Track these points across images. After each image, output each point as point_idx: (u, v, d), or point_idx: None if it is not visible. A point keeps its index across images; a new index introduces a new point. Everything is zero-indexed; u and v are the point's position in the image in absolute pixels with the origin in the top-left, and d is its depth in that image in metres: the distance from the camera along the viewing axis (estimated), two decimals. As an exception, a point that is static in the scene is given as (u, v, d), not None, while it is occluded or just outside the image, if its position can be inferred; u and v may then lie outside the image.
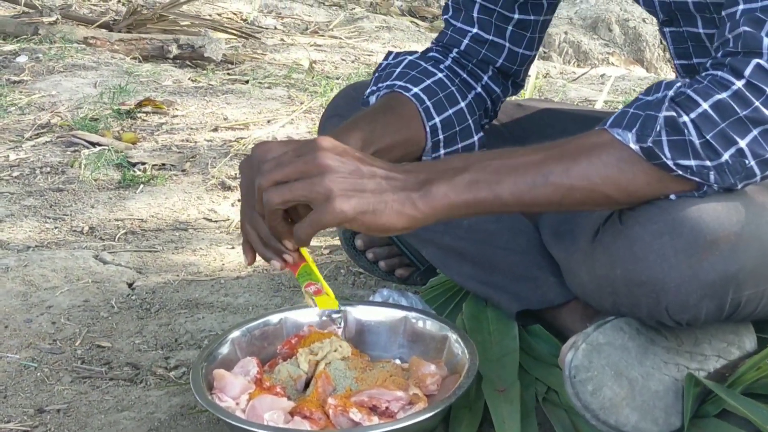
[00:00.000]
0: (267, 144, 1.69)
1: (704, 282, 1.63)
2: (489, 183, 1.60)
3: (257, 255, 1.70)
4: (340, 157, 1.58)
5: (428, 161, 1.66)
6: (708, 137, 1.57)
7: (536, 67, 4.22)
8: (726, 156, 1.58)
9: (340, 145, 1.61)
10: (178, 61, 4.25)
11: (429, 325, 1.92)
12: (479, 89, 2.02)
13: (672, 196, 1.64)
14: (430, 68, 1.99)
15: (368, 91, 2.00)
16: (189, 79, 3.95)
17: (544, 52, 5.47)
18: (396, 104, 1.93)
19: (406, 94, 1.94)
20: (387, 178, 1.59)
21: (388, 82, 1.96)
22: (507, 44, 2.02)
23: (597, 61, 5.56)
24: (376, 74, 2.03)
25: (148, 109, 3.55)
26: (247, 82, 3.95)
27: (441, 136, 1.95)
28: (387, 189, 1.58)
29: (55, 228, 2.72)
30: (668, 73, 5.32)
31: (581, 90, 4.11)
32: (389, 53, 2.05)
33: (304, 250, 1.71)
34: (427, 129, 1.94)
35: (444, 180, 1.60)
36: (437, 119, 1.95)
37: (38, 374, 2.06)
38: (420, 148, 1.94)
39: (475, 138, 1.99)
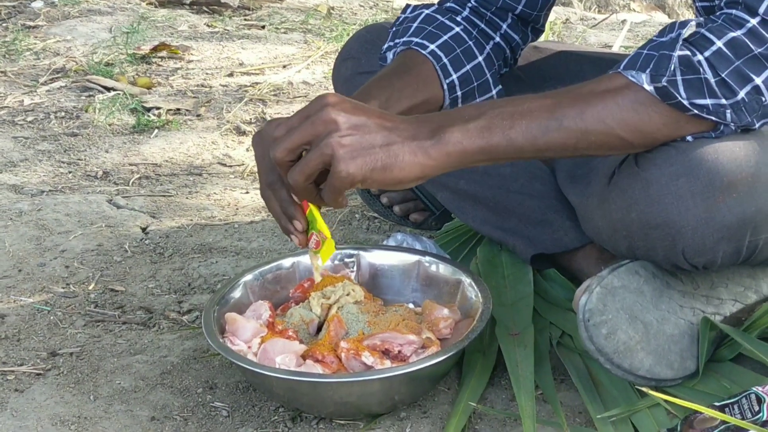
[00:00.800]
0: (278, 120, 1.69)
1: (721, 224, 1.61)
2: (502, 128, 1.58)
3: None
4: (346, 112, 1.56)
5: (439, 111, 1.64)
6: (723, 75, 1.55)
7: (555, 13, 4.17)
8: (742, 93, 1.56)
9: (347, 100, 1.59)
10: (194, 6, 4.21)
11: (442, 269, 1.91)
12: (498, 39, 1.99)
13: (688, 138, 1.61)
14: (447, 22, 1.95)
15: (385, 46, 1.97)
16: (205, 24, 3.92)
17: (565, -2, 5.41)
18: (412, 64, 1.90)
19: (423, 51, 1.91)
20: (396, 129, 1.57)
21: (404, 38, 1.94)
22: None
23: (618, 7, 5.50)
24: (393, 29, 2.00)
25: (164, 54, 3.53)
26: (263, 27, 3.92)
27: (459, 93, 1.93)
28: (396, 140, 1.56)
29: (69, 172, 2.71)
30: (693, 16, 5.25)
31: (601, 36, 4.06)
32: (407, 6, 2.02)
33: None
34: (445, 86, 1.92)
35: (456, 126, 1.58)
36: (455, 76, 1.92)
37: (51, 318, 2.06)
38: (439, 106, 1.92)
39: (494, 92, 1.97)
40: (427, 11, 1.98)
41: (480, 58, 1.96)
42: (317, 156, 1.55)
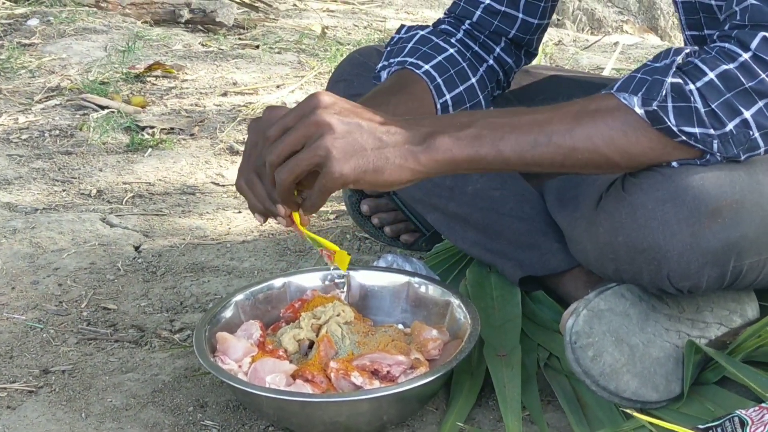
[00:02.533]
0: (277, 109, 1.70)
1: (706, 250, 1.63)
2: (492, 139, 1.60)
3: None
4: (339, 114, 1.58)
5: (432, 116, 1.66)
6: (713, 106, 1.57)
7: (549, 35, 4.20)
8: (731, 126, 1.58)
9: (340, 100, 1.60)
10: (189, 25, 4.23)
11: (432, 291, 1.93)
12: (491, 61, 2.02)
13: (674, 164, 1.64)
14: (442, 44, 1.98)
15: (379, 66, 2.00)
16: (199, 43, 3.94)
17: (558, 20, 5.44)
18: (407, 82, 1.92)
19: (417, 71, 1.93)
20: (388, 132, 1.59)
21: (399, 58, 1.96)
22: (520, 15, 2.02)
23: (611, 29, 5.53)
24: (388, 48, 2.02)
25: (158, 73, 3.55)
26: (257, 47, 3.94)
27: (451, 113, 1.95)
28: (388, 143, 1.58)
29: (63, 191, 2.72)
30: (682, 42, 5.28)
31: (593, 58, 4.09)
32: (401, 26, 2.04)
33: (298, 220, 1.70)
34: (438, 106, 1.94)
35: (447, 134, 1.60)
36: (448, 96, 1.95)
37: (44, 335, 2.07)
38: None
39: None
40: (421, 32, 2.01)
41: (473, 80, 1.98)
42: (309, 156, 1.57)
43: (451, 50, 1.98)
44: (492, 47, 2.02)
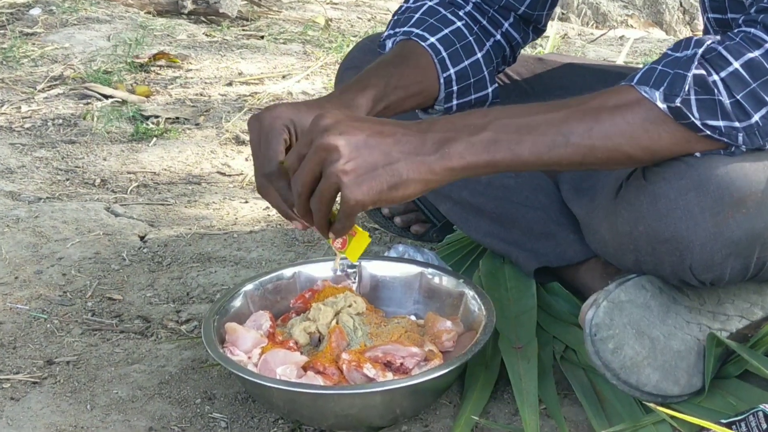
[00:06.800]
0: (277, 108, 1.68)
1: (730, 240, 1.59)
2: (508, 143, 1.55)
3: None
4: (345, 134, 1.53)
5: (444, 117, 1.62)
6: (738, 97, 1.53)
7: (554, 29, 4.17)
8: (756, 117, 1.54)
9: (343, 118, 1.55)
10: (192, 16, 4.20)
11: (445, 281, 1.89)
12: (499, 36, 1.98)
13: (697, 154, 1.59)
14: (449, 16, 1.94)
15: (385, 34, 1.96)
16: (203, 33, 3.91)
17: (562, 14, 5.41)
18: (410, 55, 1.89)
19: (423, 43, 1.89)
20: (398, 143, 1.54)
21: (405, 28, 1.92)
22: None
23: (615, 23, 5.50)
24: (395, 17, 1.98)
25: (162, 62, 3.51)
26: (262, 37, 3.90)
27: (455, 88, 1.91)
28: (399, 157, 1.54)
29: (67, 180, 2.69)
30: (701, 26, 5.25)
31: (600, 51, 4.06)
32: None
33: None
34: (442, 80, 1.90)
35: (461, 139, 1.55)
36: (452, 71, 1.90)
37: (48, 326, 2.03)
38: (433, 98, 1.91)
39: (489, 90, 1.95)
40: (430, 3, 1.96)
41: (479, 55, 1.94)
42: (327, 187, 1.54)
43: (459, 23, 1.93)
44: (500, 22, 1.98)
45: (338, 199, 1.56)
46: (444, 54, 1.90)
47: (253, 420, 1.75)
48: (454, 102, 1.91)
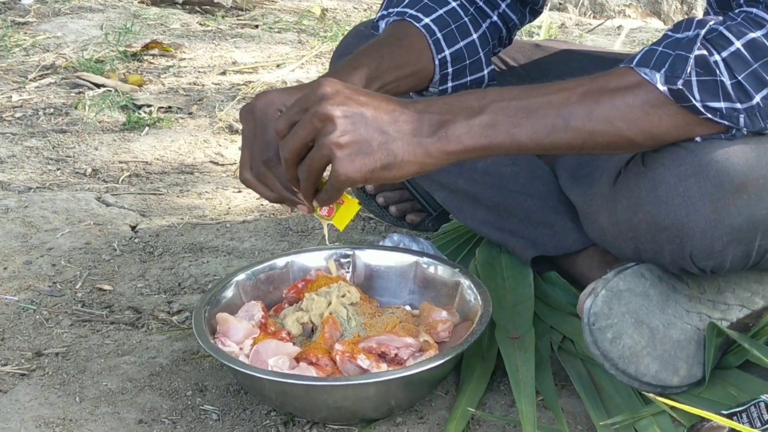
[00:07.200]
0: (268, 95, 1.66)
1: (731, 227, 1.56)
2: (507, 126, 1.52)
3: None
4: (343, 104, 1.51)
5: (442, 97, 1.59)
6: (740, 78, 1.50)
7: (551, 18, 4.14)
8: (758, 98, 1.51)
9: (343, 89, 1.53)
10: (187, 6, 4.16)
11: (441, 271, 1.86)
12: (495, 18, 1.94)
13: (697, 139, 1.56)
14: None
15: (378, 15, 1.93)
16: (197, 23, 3.87)
17: (560, 4, 5.38)
18: (404, 35, 1.85)
19: (417, 24, 1.86)
20: (395, 122, 1.52)
21: (399, 9, 1.89)
22: None
23: (613, 13, 5.47)
24: None
25: (155, 51, 3.47)
26: (256, 27, 3.87)
27: (450, 69, 1.87)
28: (396, 137, 1.51)
29: (58, 170, 2.65)
30: (702, 7, 5.22)
31: (597, 41, 4.03)
32: None
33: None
34: (436, 62, 1.86)
35: (459, 122, 1.52)
36: (447, 52, 1.87)
37: (37, 317, 2.00)
38: (428, 80, 1.87)
39: (485, 71, 1.91)
40: None
41: (474, 36, 1.90)
42: (319, 156, 1.52)
43: (453, 3, 1.90)
44: (497, 3, 1.94)
45: (328, 168, 1.53)
46: (439, 35, 1.86)
47: (245, 412, 1.72)
48: (450, 84, 1.88)
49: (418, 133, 1.52)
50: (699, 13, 5.28)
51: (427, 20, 1.86)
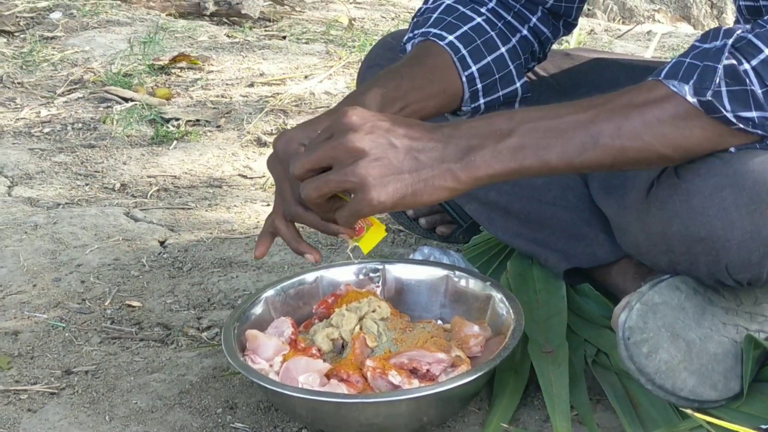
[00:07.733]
0: (287, 134, 1.66)
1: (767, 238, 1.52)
2: (536, 149, 1.50)
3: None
4: (371, 135, 1.50)
5: (469, 120, 1.57)
6: None
7: (580, 24, 4.11)
8: None
9: (369, 118, 1.52)
10: (215, 18, 4.16)
11: (472, 284, 1.84)
12: (525, 32, 1.91)
13: (731, 149, 1.53)
14: (468, 12, 1.88)
15: (405, 38, 1.91)
16: (225, 35, 3.87)
17: (588, 9, 5.36)
18: (427, 55, 1.83)
19: (440, 42, 1.84)
20: (423, 149, 1.51)
21: (423, 29, 1.87)
22: None
23: (642, 18, 5.44)
24: (414, 19, 1.93)
25: (183, 64, 3.47)
26: (284, 38, 3.86)
27: (479, 85, 1.85)
28: (425, 164, 1.50)
29: (86, 185, 2.65)
30: (732, 14, 5.19)
31: (627, 47, 4.00)
32: None
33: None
34: (464, 79, 1.84)
35: (487, 147, 1.51)
36: (474, 68, 1.84)
37: (66, 334, 2.00)
38: (458, 99, 1.85)
39: (518, 84, 1.89)
40: (448, 1, 1.91)
41: (503, 49, 1.87)
42: (341, 180, 1.51)
43: (479, 19, 1.87)
44: (527, 17, 1.92)
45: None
46: (464, 51, 1.84)
47: (275, 430, 1.71)
48: (481, 101, 1.85)
49: (446, 159, 1.51)
50: (729, 16, 5.24)
51: (451, 38, 1.84)
